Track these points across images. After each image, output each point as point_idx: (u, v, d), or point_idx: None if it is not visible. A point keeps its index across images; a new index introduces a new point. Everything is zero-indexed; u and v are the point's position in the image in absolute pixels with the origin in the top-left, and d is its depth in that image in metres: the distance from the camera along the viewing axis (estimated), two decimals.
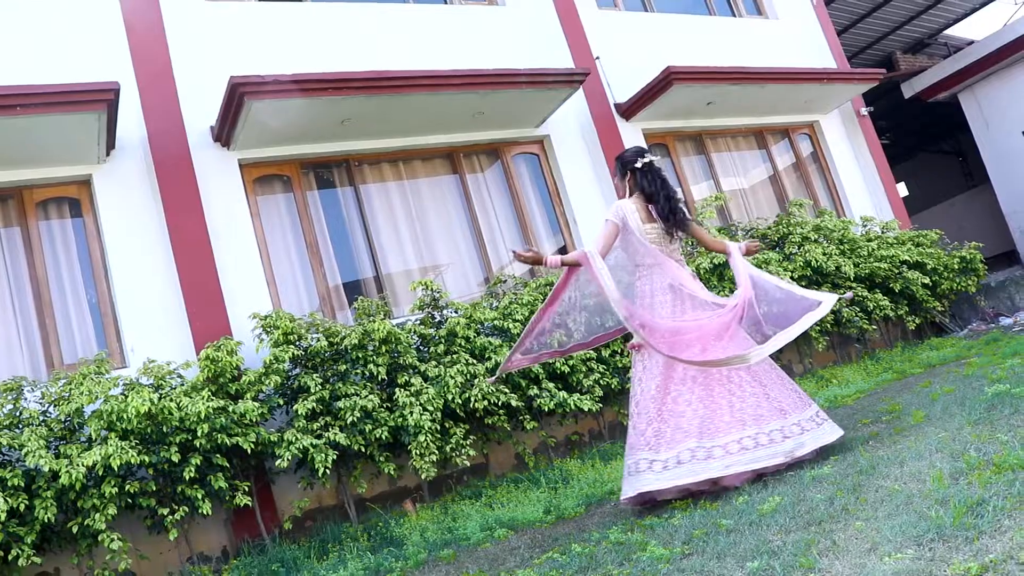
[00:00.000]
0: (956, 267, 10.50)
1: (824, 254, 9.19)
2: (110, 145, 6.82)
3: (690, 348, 4.67)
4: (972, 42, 16.31)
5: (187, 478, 5.47)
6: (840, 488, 3.62)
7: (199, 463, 5.55)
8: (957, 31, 18.46)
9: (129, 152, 7.03)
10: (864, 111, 12.49)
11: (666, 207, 5.02)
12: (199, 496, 5.56)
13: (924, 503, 3.03)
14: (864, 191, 12.04)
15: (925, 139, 20.32)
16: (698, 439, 4.44)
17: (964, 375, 6.45)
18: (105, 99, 6.21)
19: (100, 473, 5.17)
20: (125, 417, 5.23)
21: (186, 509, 5.57)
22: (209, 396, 5.70)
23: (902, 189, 21.07)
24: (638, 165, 5.11)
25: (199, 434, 5.47)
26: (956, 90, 14.40)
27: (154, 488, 5.54)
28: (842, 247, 9.65)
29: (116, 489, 5.26)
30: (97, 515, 5.16)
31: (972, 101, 14.32)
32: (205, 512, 5.58)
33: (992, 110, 14.04)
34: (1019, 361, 6.24)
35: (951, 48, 17.67)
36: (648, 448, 4.53)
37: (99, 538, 5.20)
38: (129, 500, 5.43)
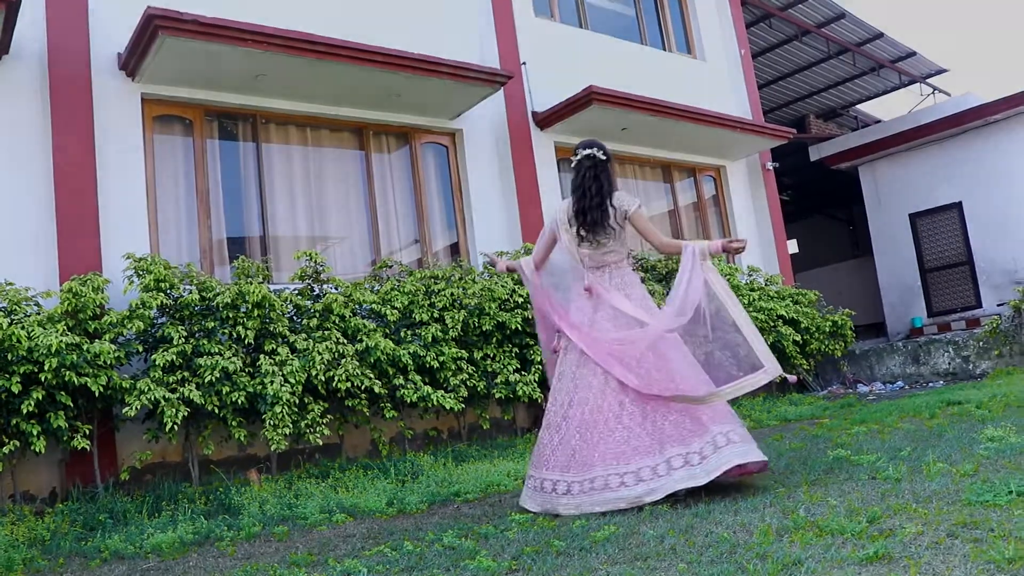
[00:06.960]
0: (827, 330, 10.94)
1: None
2: (3, 49, 6.46)
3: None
4: (879, 121, 17.05)
5: (24, 412, 5.23)
6: (673, 527, 3.71)
7: (41, 398, 5.31)
8: (868, 107, 19.27)
9: (24, 61, 6.68)
10: (770, 165, 12.91)
11: (575, 207, 4.69)
12: (34, 432, 5.31)
13: (746, 555, 3.13)
14: (756, 241, 12.43)
15: (822, 202, 21.05)
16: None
17: (813, 434, 6.71)
18: None
19: None
20: None
21: (17, 443, 5.32)
22: (64, 330, 5.48)
23: (792, 246, 21.81)
24: (576, 156, 4.74)
25: (46, 368, 5.23)
26: (857, 163, 15.04)
27: None
28: None
29: None
30: None
31: (870, 176, 14.97)
32: (38, 449, 5.35)
33: (885, 188, 14.71)
34: (864, 429, 6.52)
35: (860, 122, 18.44)
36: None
37: None
38: None
